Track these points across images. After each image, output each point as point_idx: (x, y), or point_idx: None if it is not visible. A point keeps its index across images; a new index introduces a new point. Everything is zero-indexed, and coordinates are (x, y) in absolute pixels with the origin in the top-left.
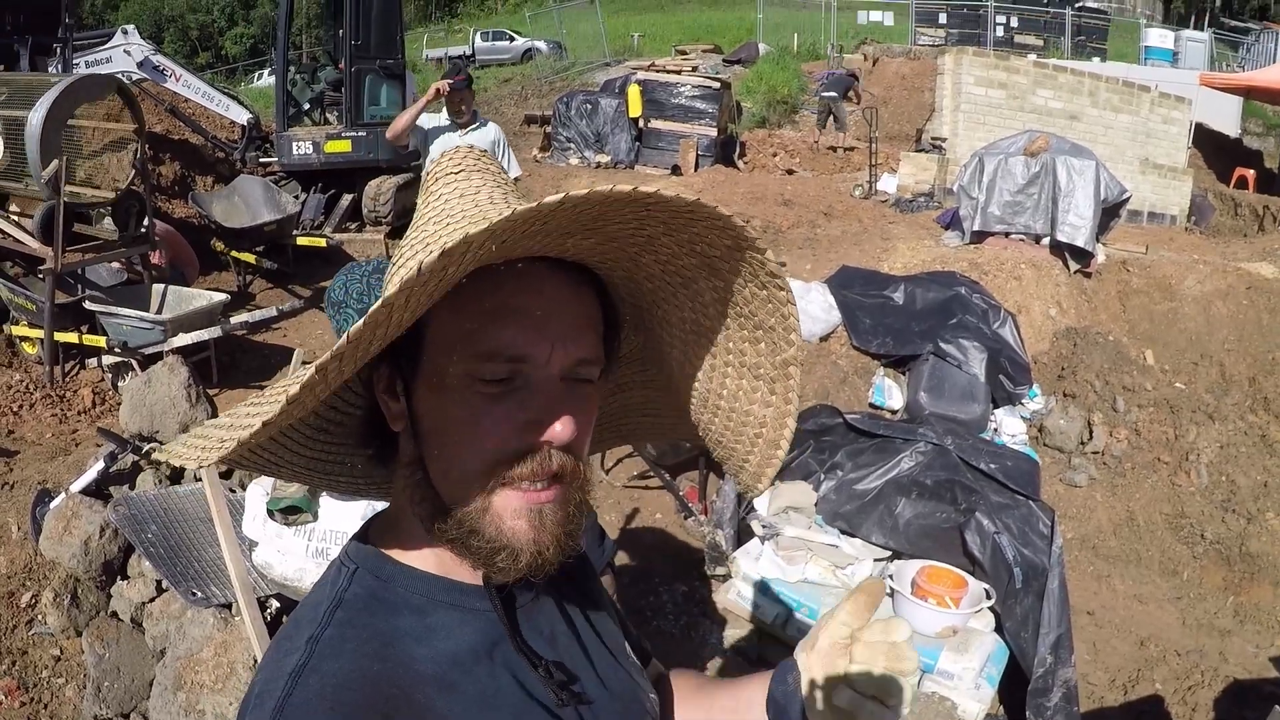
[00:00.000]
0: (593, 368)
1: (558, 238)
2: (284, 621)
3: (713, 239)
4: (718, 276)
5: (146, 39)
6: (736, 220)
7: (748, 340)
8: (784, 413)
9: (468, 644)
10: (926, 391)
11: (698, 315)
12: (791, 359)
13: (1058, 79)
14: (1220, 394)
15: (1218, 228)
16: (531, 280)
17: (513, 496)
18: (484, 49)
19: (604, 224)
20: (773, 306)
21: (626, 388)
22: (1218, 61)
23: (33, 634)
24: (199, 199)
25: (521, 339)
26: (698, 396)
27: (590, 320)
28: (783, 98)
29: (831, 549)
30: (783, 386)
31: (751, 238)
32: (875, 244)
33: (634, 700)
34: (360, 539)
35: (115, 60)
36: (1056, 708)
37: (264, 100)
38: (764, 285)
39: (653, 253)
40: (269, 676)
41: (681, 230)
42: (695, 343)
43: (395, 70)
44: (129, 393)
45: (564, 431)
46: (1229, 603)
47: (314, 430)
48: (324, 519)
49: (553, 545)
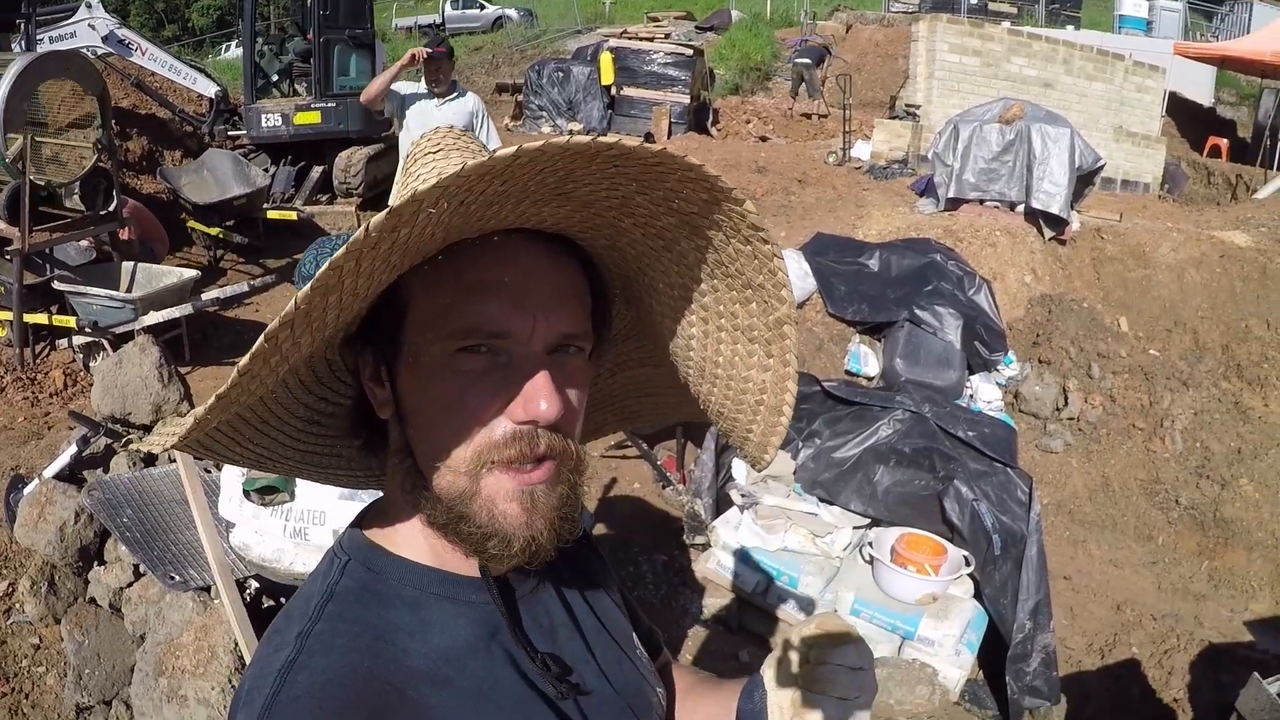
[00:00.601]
0: (580, 341)
1: (531, 205)
2: (264, 604)
3: (688, 194)
4: (698, 235)
5: (111, 13)
6: (708, 170)
7: (738, 301)
8: (783, 376)
9: (463, 637)
10: (902, 358)
11: (685, 279)
12: (785, 317)
13: (1032, 47)
14: (1194, 361)
15: (1191, 196)
16: (508, 252)
17: (503, 479)
18: (454, 17)
19: (574, 186)
20: (759, 263)
21: (625, 366)
22: (1192, 31)
23: (11, 623)
24: (167, 174)
25: (500, 313)
26: (694, 367)
27: (573, 292)
28: (756, 64)
29: (810, 517)
30: (779, 348)
31: (727, 189)
32: (850, 211)
33: (639, 694)
34: (355, 529)
35: (80, 35)
36: (1036, 672)
37: (232, 73)
38: (747, 240)
39: (630, 215)
40: (258, 673)
41: (654, 186)
42: (685, 309)
43: (364, 40)
44: (100, 374)
45: (549, 410)
46: (1203, 567)
47: (305, 424)
48: (301, 499)
49: (546, 530)
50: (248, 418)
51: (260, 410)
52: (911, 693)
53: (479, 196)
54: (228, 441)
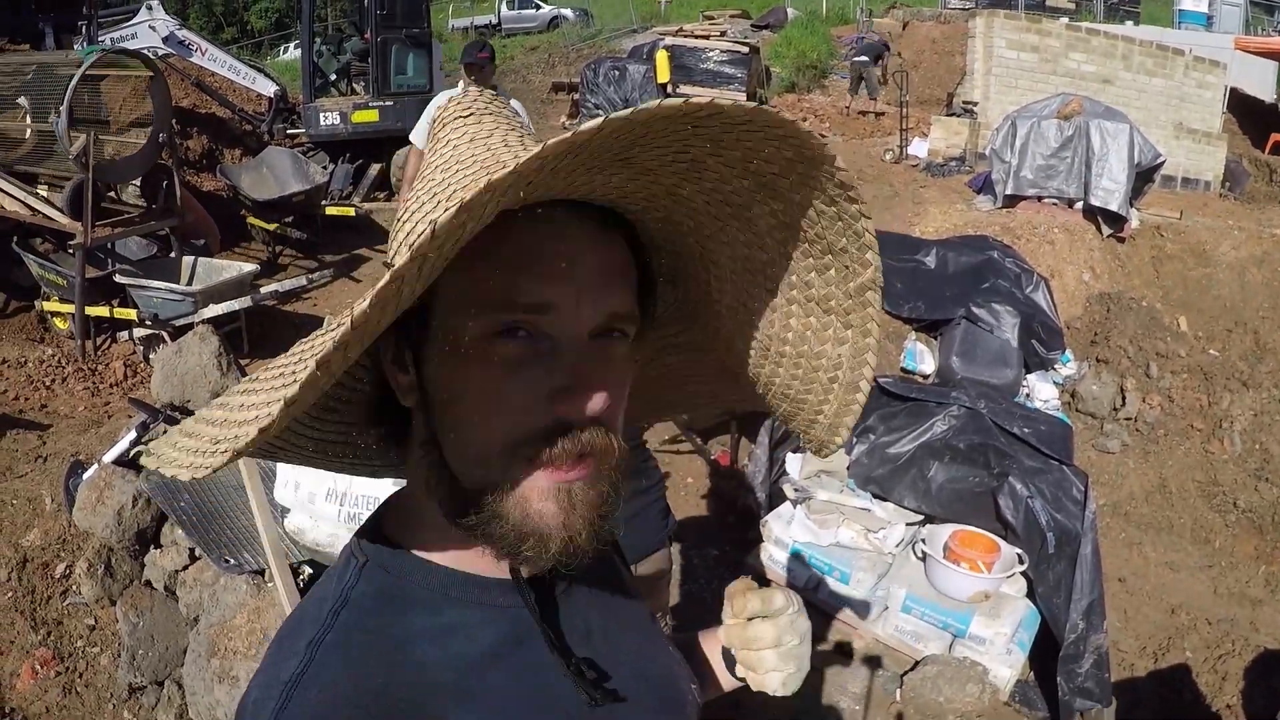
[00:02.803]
0: (626, 324)
1: (584, 174)
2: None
3: (770, 153)
4: (776, 198)
5: (171, 14)
6: (801, 127)
7: (814, 269)
8: (863, 348)
9: (488, 645)
10: (958, 356)
11: (751, 249)
12: (869, 282)
13: (1090, 42)
14: (1254, 361)
15: (1252, 194)
16: (554, 225)
17: (539, 475)
18: (510, 18)
19: (640, 151)
20: (844, 224)
21: (663, 352)
22: (1253, 25)
23: (67, 604)
24: (227, 171)
25: (544, 285)
26: (756, 347)
27: (622, 269)
28: (812, 62)
29: (864, 513)
30: (859, 317)
31: (819, 144)
32: (907, 208)
33: (674, 691)
34: (373, 526)
35: (140, 36)
36: (1087, 674)
37: (290, 73)
38: (833, 200)
39: (696, 181)
40: (265, 683)
41: (732, 147)
42: (751, 282)
43: (421, 39)
44: (160, 362)
45: (596, 402)
46: (1260, 572)
47: (320, 410)
48: (356, 485)
49: (585, 530)
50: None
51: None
52: (961, 691)
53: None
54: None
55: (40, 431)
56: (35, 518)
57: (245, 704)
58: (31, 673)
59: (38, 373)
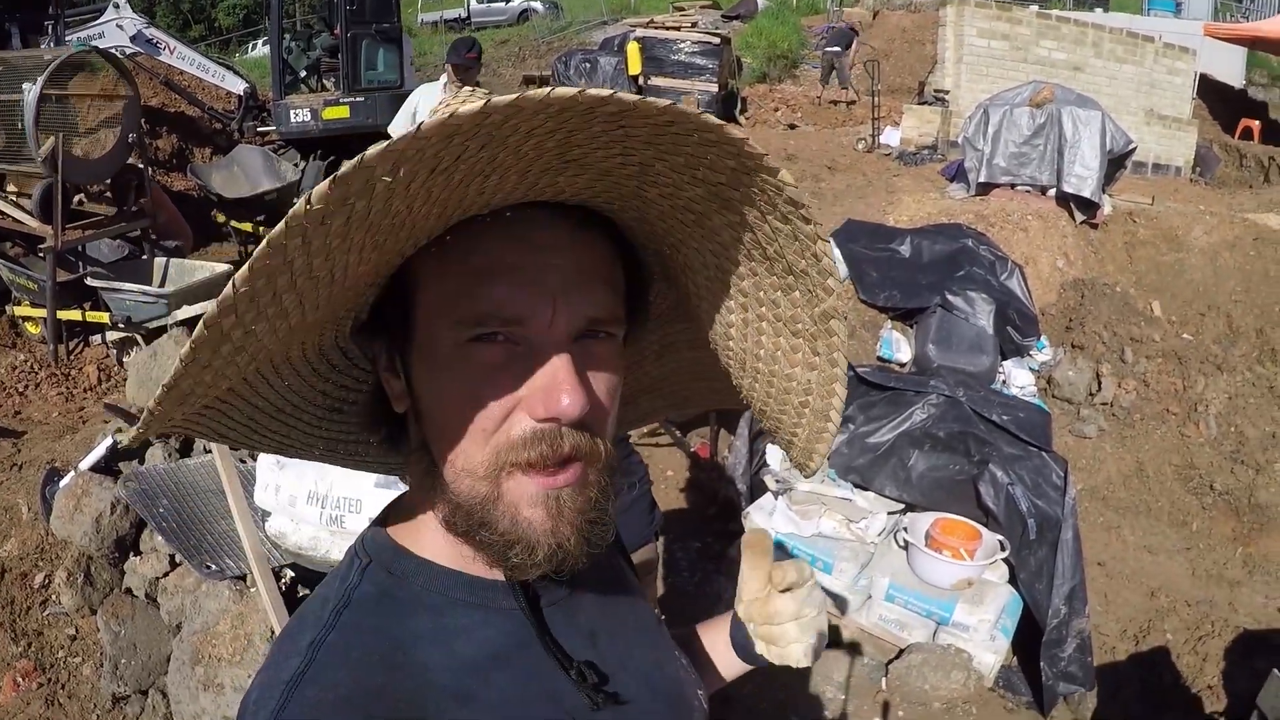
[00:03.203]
0: (609, 326)
1: (540, 175)
2: (300, 592)
3: (713, 160)
4: (730, 209)
5: (138, 12)
6: (732, 131)
7: (779, 288)
8: (830, 377)
9: (490, 647)
10: (935, 344)
11: (720, 259)
12: (831, 310)
13: (1061, 30)
14: (1228, 345)
15: (1223, 179)
16: (522, 229)
17: (525, 482)
18: (479, 10)
19: (583, 152)
20: (800, 245)
21: (673, 349)
22: (1222, 12)
23: (47, 614)
24: (198, 170)
25: (515, 296)
26: (735, 359)
27: (600, 271)
28: (783, 52)
29: (845, 503)
30: (825, 345)
31: (757, 154)
32: (880, 197)
33: (680, 696)
34: (378, 527)
35: (108, 35)
36: (1070, 658)
37: (260, 70)
38: (786, 219)
39: (654, 185)
40: (266, 683)
41: (674, 151)
42: (723, 292)
43: (392, 34)
44: (134, 366)
45: (573, 406)
46: (1238, 553)
47: (325, 411)
48: (338, 486)
49: (573, 535)
50: (260, 405)
51: (273, 398)
52: (946, 678)
53: (462, 165)
54: (243, 429)
55: (14, 439)
56: (12, 527)
57: (247, 703)
58: (13, 685)
59: (10, 379)
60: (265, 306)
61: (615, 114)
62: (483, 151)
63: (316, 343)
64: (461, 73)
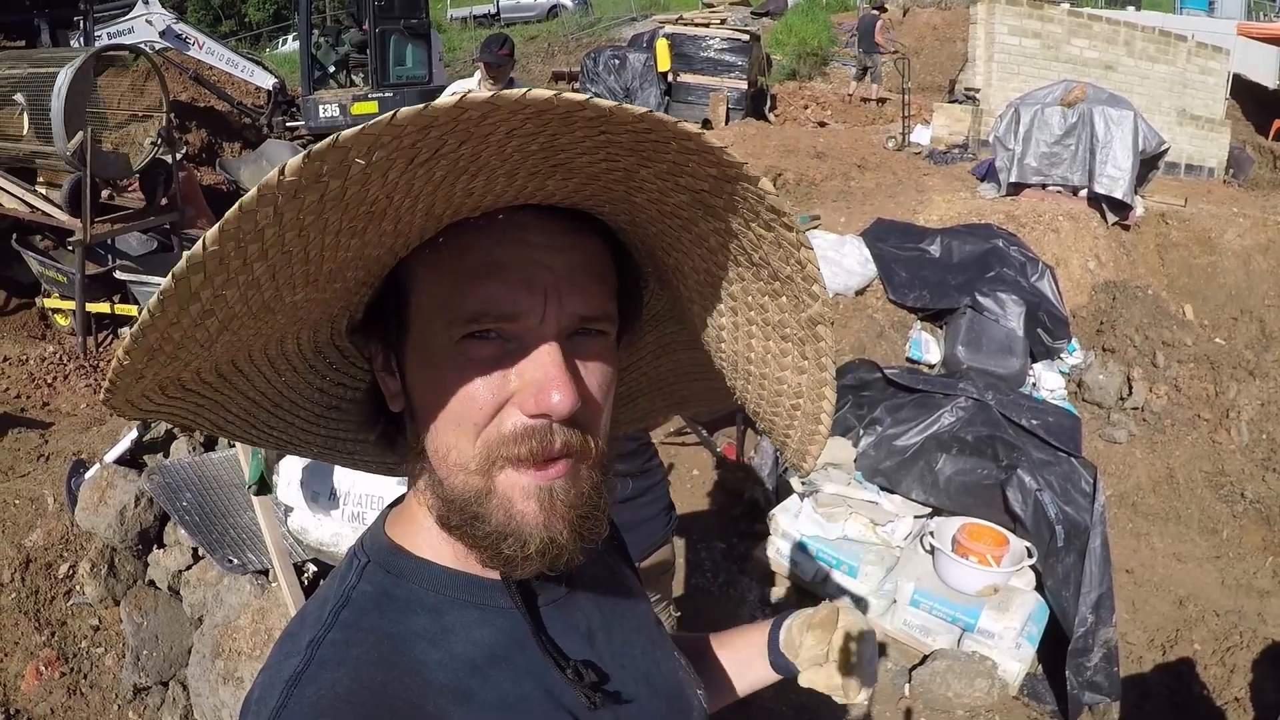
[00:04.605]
0: (601, 324)
1: (530, 179)
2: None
3: (694, 168)
4: (715, 216)
5: (168, 8)
6: (709, 140)
7: (766, 294)
8: (819, 381)
9: (487, 646)
10: (964, 345)
11: (708, 264)
12: (818, 316)
13: (1093, 28)
14: (1261, 350)
15: (1256, 181)
16: (514, 229)
17: (517, 476)
18: (509, 6)
19: (567, 157)
20: (784, 252)
21: (670, 349)
22: (1255, 11)
23: (71, 605)
24: (226, 165)
25: (507, 295)
26: (727, 361)
27: (593, 270)
28: (813, 50)
29: (871, 505)
30: (813, 350)
31: (735, 163)
32: (910, 196)
33: (679, 696)
34: (378, 527)
35: (137, 30)
36: (1096, 667)
37: (289, 65)
38: (769, 226)
39: (641, 190)
40: (267, 682)
41: (655, 159)
42: (713, 296)
43: (420, 30)
44: None
45: (563, 402)
46: (1268, 563)
47: (323, 408)
48: (360, 483)
49: (566, 529)
50: (256, 398)
51: (270, 392)
52: (970, 685)
53: (443, 161)
54: (241, 423)
55: (42, 430)
56: (38, 518)
57: (249, 701)
58: (36, 674)
59: (39, 370)
60: (236, 272)
61: (593, 119)
62: (463, 148)
63: (311, 338)
64: (494, 70)
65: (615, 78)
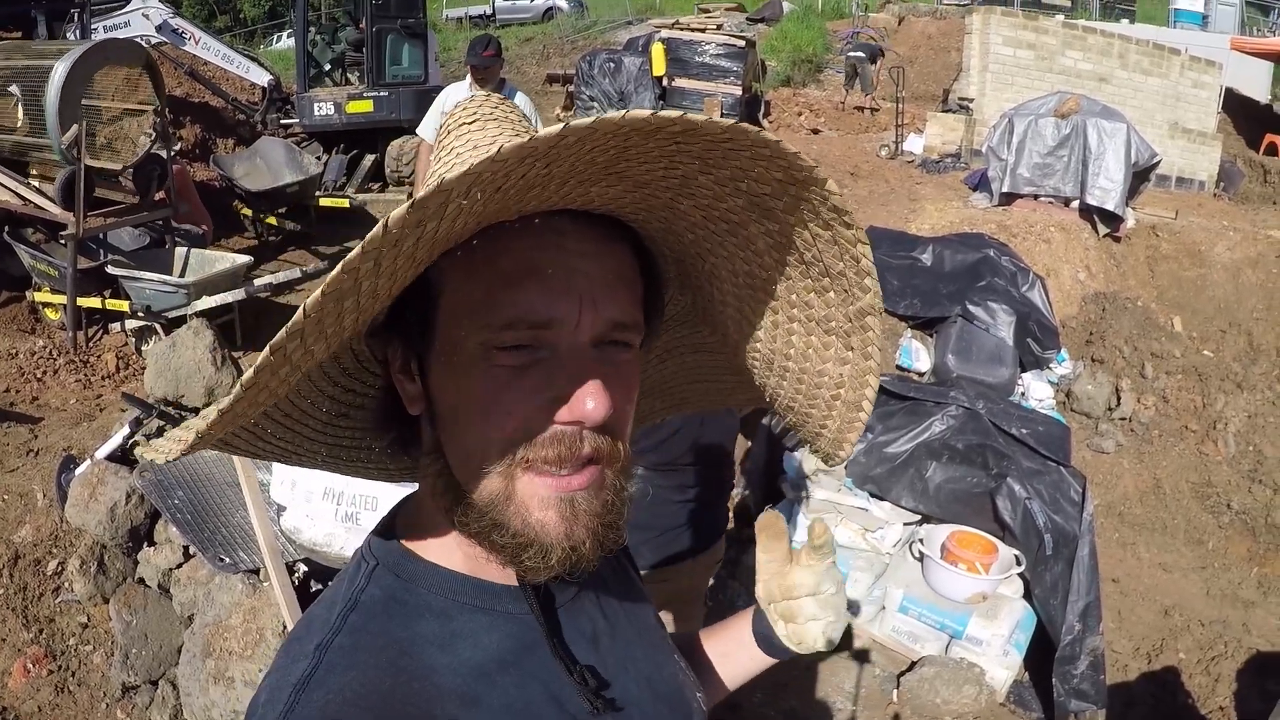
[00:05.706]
0: (630, 332)
1: (577, 186)
2: (313, 587)
3: (760, 173)
4: (771, 218)
5: (164, 2)
6: (786, 147)
7: (814, 290)
8: (864, 370)
9: (495, 651)
10: (954, 354)
11: (751, 266)
12: (868, 307)
13: (1087, 40)
14: (1248, 363)
15: (1247, 194)
16: (551, 235)
17: (539, 484)
18: (504, 8)
19: (627, 165)
20: (840, 249)
21: (675, 352)
22: (1248, 25)
23: (59, 602)
24: (221, 161)
25: (544, 300)
26: (760, 359)
27: (624, 278)
28: (808, 56)
29: (861, 512)
30: (860, 340)
31: (808, 167)
32: (902, 205)
33: (680, 699)
34: (385, 530)
35: (133, 24)
36: (1083, 676)
37: (284, 62)
38: (828, 225)
39: (690, 196)
40: (274, 685)
41: (720, 165)
42: (752, 298)
43: (417, 29)
44: (154, 357)
45: (597, 409)
46: (1253, 574)
47: (333, 416)
48: (354, 483)
49: (588, 539)
50: (268, 412)
51: (282, 405)
52: (958, 692)
53: (519, 181)
54: (249, 437)
55: (32, 425)
56: (27, 513)
57: (255, 705)
58: (24, 671)
59: (29, 364)
60: (329, 327)
61: (678, 133)
62: (547, 169)
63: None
64: (481, 73)
65: (610, 81)
